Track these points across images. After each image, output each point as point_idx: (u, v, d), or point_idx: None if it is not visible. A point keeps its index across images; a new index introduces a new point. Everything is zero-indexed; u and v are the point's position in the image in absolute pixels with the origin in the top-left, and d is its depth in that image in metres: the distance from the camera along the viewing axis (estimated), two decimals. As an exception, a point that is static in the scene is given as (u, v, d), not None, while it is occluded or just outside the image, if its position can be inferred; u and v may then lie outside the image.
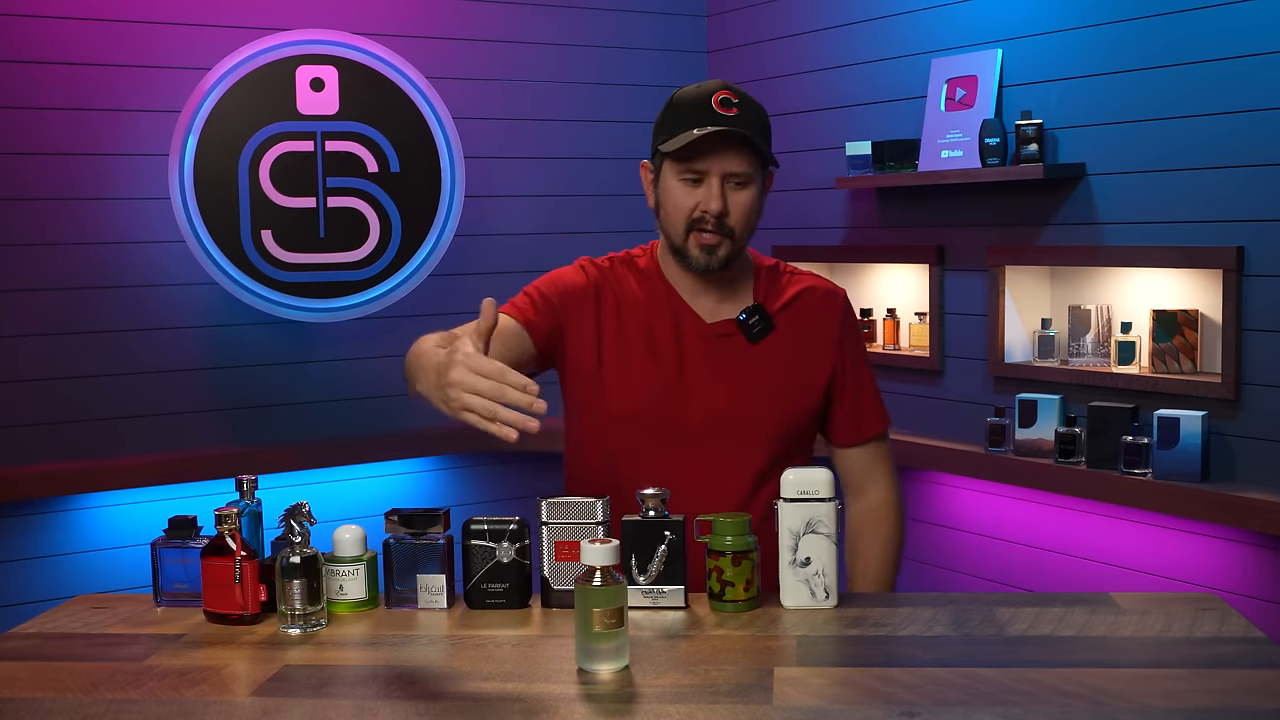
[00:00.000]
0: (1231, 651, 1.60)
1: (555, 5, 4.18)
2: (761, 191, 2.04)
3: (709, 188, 1.98)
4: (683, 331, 2.07)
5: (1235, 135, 2.98)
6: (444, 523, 1.87)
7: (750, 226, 2.03)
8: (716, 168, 1.98)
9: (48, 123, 3.54)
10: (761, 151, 1.99)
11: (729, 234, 2.00)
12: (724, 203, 1.98)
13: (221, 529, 1.80)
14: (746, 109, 2.00)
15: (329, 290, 3.75)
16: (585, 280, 2.11)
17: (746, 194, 2.00)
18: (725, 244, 2.01)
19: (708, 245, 2.00)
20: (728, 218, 1.99)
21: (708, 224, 1.99)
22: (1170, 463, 3.02)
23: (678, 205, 2.01)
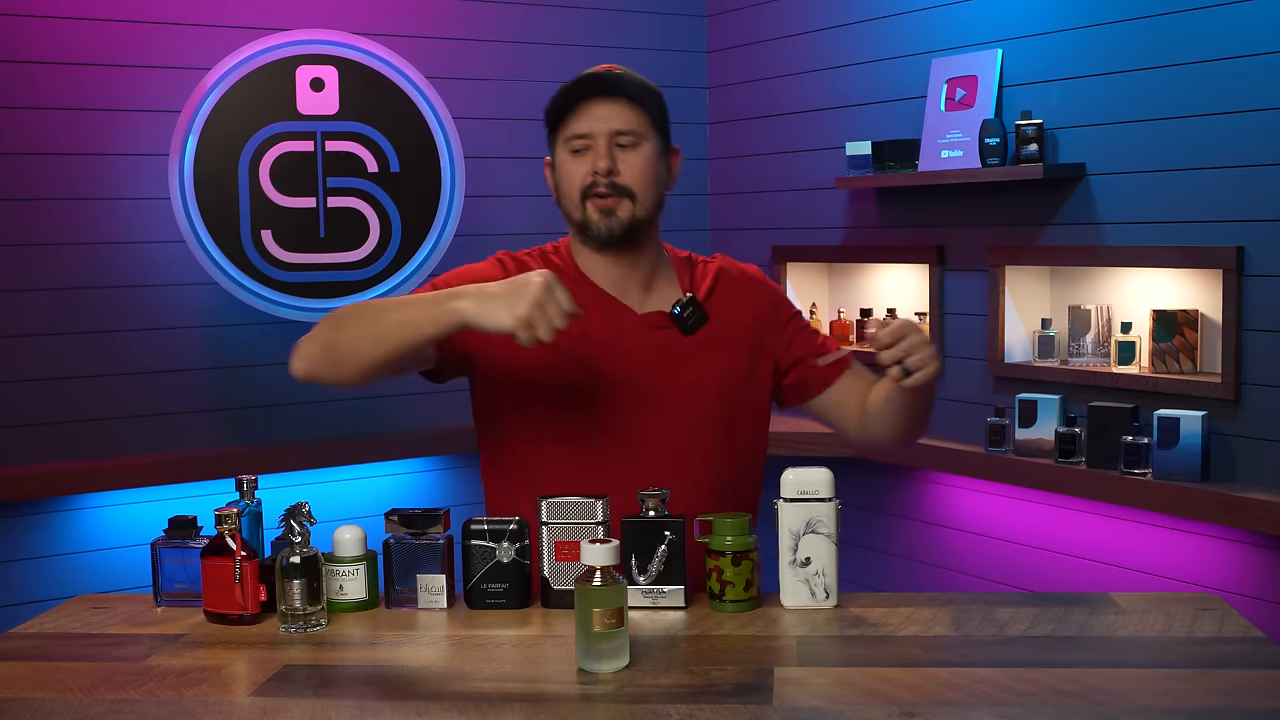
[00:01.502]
0: (1231, 651, 1.60)
1: (555, 5, 4.18)
2: (661, 154, 2.00)
3: (595, 150, 1.95)
4: (612, 325, 2.00)
5: (1235, 135, 2.98)
6: (444, 523, 1.87)
7: (651, 188, 1.98)
8: (601, 130, 1.95)
9: (48, 123, 3.54)
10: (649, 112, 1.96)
11: (626, 193, 1.96)
12: (613, 161, 1.94)
13: (221, 529, 1.80)
14: (630, 77, 1.99)
15: (329, 290, 3.75)
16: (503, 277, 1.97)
17: (638, 154, 1.96)
18: (624, 204, 1.96)
19: (605, 208, 1.95)
20: (619, 176, 1.95)
21: (600, 186, 1.94)
22: (1170, 463, 3.02)
23: (570, 177, 1.98)
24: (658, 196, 2.01)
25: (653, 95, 2.00)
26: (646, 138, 1.97)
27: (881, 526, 3.95)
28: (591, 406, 1.98)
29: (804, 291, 4.16)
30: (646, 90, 2.00)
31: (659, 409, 1.99)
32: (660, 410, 1.99)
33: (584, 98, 1.96)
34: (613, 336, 2.00)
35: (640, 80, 2.01)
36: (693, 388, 2.00)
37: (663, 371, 1.99)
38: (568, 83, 2.00)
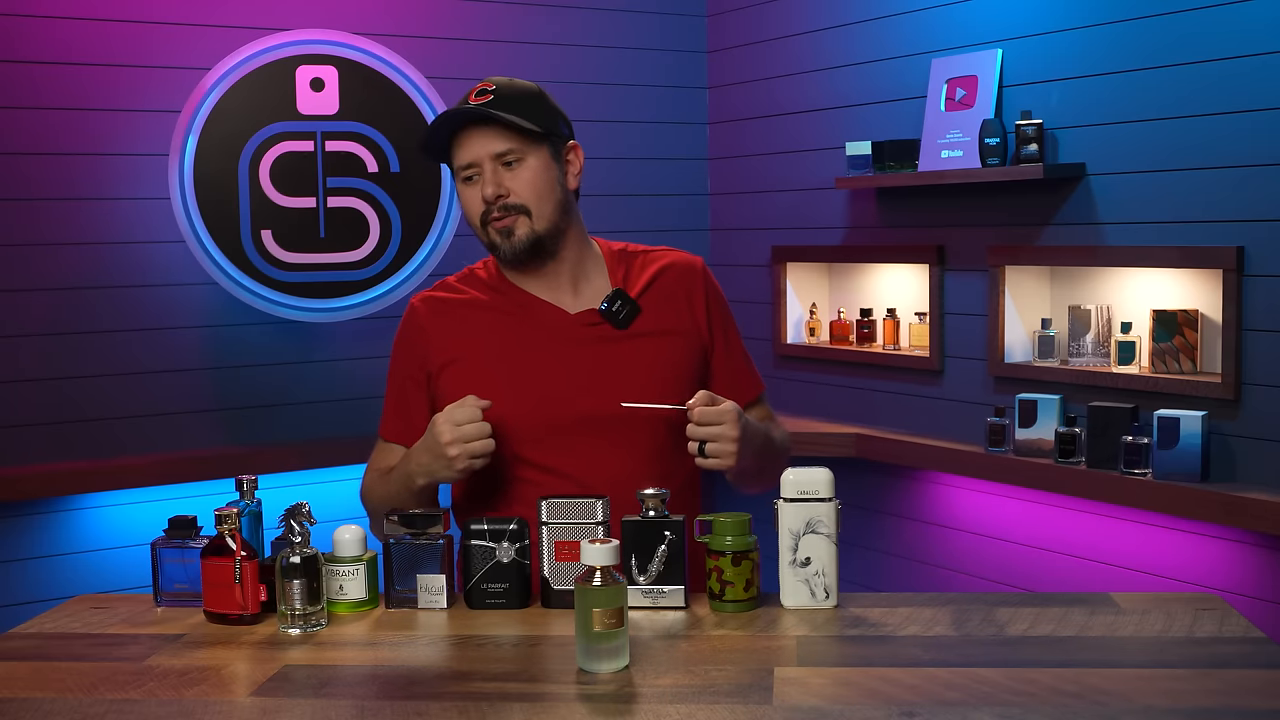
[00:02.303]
0: (1231, 651, 1.60)
1: (555, 5, 4.18)
2: (552, 160, 2.01)
3: (483, 176, 1.98)
4: (546, 329, 2.03)
5: (1235, 135, 2.98)
6: (444, 523, 1.87)
7: (545, 198, 2.00)
8: (482, 156, 1.97)
9: (48, 123, 3.54)
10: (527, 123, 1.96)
11: (521, 210, 1.98)
12: (498, 185, 1.97)
13: (221, 529, 1.80)
14: (504, 92, 1.99)
15: (329, 290, 3.75)
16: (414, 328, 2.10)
17: (523, 169, 1.98)
18: (521, 221, 1.98)
19: (502, 229, 1.98)
20: (509, 196, 1.97)
21: (494, 210, 1.98)
22: (1170, 463, 3.02)
23: (468, 206, 2.02)
24: (556, 202, 2.02)
25: (529, 104, 2.00)
26: (529, 151, 1.99)
27: (881, 526, 3.95)
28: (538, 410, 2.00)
29: (804, 291, 4.16)
30: (520, 103, 1.99)
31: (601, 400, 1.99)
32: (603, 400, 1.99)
33: (457, 130, 1.99)
34: (548, 338, 2.03)
35: (513, 93, 2.00)
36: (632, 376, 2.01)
37: (601, 365, 2.01)
38: (441, 115, 2.02)
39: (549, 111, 2.03)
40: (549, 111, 2.03)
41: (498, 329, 2.05)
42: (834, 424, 3.95)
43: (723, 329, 2.13)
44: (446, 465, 1.89)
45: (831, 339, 4.04)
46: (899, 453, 3.70)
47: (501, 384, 2.00)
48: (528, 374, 2.01)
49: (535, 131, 1.98)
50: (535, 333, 2.03)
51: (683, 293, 2.10)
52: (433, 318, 2.09)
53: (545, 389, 2.00)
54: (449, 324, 2.08)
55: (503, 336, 2.04)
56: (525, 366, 2.02)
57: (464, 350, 2.05)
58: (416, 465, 1.94)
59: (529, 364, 2.02)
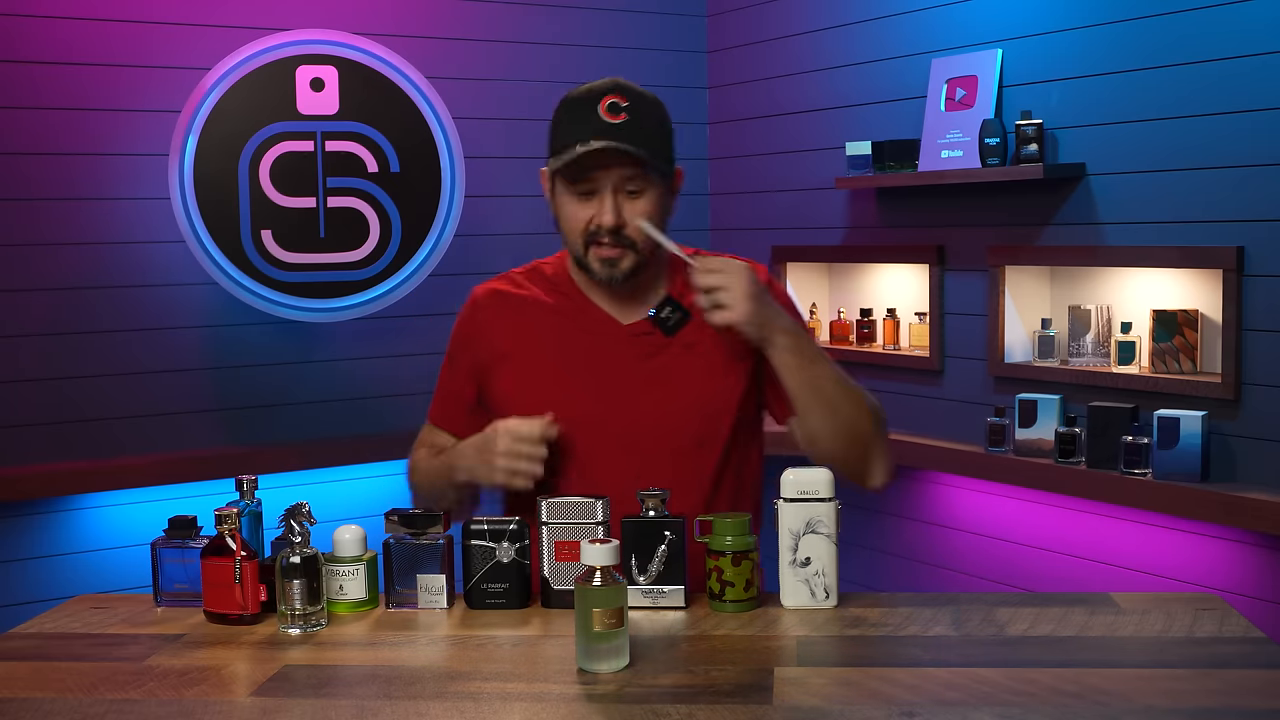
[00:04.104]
0: (1231, 651, 1.60)
1: (555, 5, 4.18)
2: (666, 193, 1.96)
3: (602, 201, 1.91)
4: (599, 337, 2.01)
5: (1235, 135, 2.98)
6: (444, 523, 1.87)
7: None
8: (607, 180, 1.91)
9: (48, 123, 3.54)
10: (656, 152, 1.91)
11: (630, 245, 1.93)
12: (618, 215, 1.91)
13: (221, 529, 1.80)
14: (637, 111, 1.92)
15: (329, 290, 3.75)
16: (473, 319, 2.09)
17: (644, 201, 1.92)
18: (628, 256, 1.93)
19: (608, 259, 1.93)
20: (626, 229, 1.92)
21: (604, 236, 1.92)
22: (1170, 463, 3.02)
23: (573, 221, 1.95)
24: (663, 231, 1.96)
25: (661, 131, 1.95)
26: (652, 182, 1.93)
27: (881, 526, 3.95)
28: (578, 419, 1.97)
29: (804, 291, 4.16)
30: (654, 129, 1.93)
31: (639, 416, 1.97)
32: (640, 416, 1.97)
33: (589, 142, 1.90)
34: (599, 347, 2.00)
35: (647, 112, 1.93)
36: (673, 392, 1.97)
37: (644, 379, 1.98)
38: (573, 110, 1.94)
39: (670, 135, 1.97)
40: (670, 135, 1.97)
41: (553, 331, 2.02)
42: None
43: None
44: (488, 473, 1.90)
45: (832, 339, 4.04)
46: (899, 453, 3.65)
47: (548, 387, 1.99)
48: (573, 381, 1.99)
49: (663, 158, 1.92)
50: (588, 339, 2.00)
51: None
52: (491, 311, 2.07)
53: (588, 398, 1.98)
54: (506, 319, 2.05)
55: (556, 340, 2.02)
56: (572, 373, 1.99)
57: (517, 348, 2.03)
58: (462, 460, 1.95)
59: (576, 371, 1.99)
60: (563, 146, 1.92)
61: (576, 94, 1.97)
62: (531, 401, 1.98)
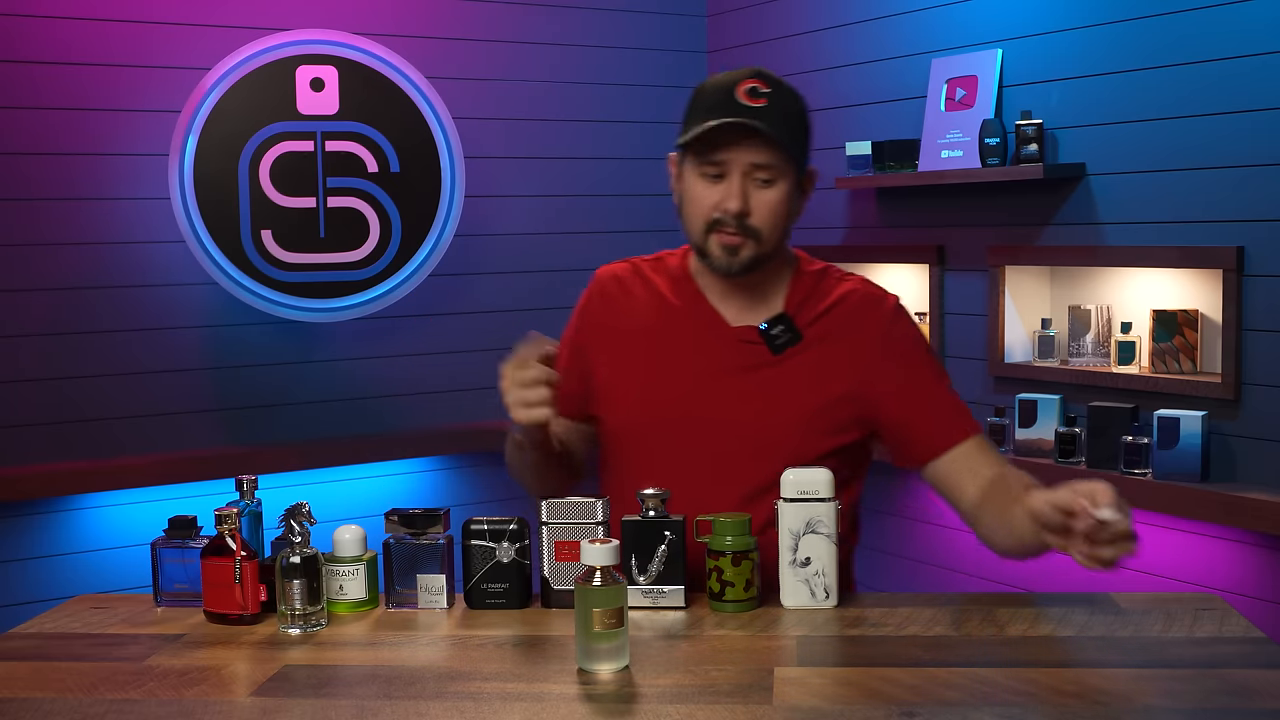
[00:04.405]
0: (1231, 651, 1.60)
1: (555, 5, 4.18)
2: (795, 190, 1.89)
3: (729, 184, 1.85)
4: (702, 337, 1.95)
5: (1235, 135, 2.98)
6: (444, 523, 1.87)
7: (779, 227, 1.88)
8: (737, 162, 1.84)
9: (48, 123, 3.54)
10: (793, 142, 1.84)
11: (753, 235, 1.86)
12: (745, 201, 1.84)
13: (221, 529, 1.80)
14: (778, 100, 1.85)
15: (329, 290, 3.75)
16: (588, 300, 2.06)
17: (773, 192, 1.86)
18: (749, 245, 1.87)
19: (729, 245, 1.87)
20: (750, 217, 1.85)
21: (728, 223, 1.85)
22: (1170, 463, 3.02)
23: (697, 202, 1.88)
24: (785, 230, 1.91)
25: (799, 123, 1.88)
26: (784, 174, 1.86)
27: (881, 526, 3.95)
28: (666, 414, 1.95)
29: (804, 291, 4.15)
30: (792, 119, 1.87)
31: (726, 423, 1.92)
32: (727, 424, 1.92)
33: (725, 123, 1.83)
34: (700, 347, 1.95)
35: (786, 103, 1.87)
36: (765, 407, 1.92)
37: (737, 387, 1.93)
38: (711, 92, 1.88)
39: (808, 130, 1.91)
40: (808, 130, 1.91)
41: (658, 324, 1.99)
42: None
43: (901, 377, 1.94)
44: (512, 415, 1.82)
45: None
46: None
47: (639, 381, 1.97)
48: (665, 378, 1.96)
49: (799, 150, 1.87)
50: (690, 338, 1.96)
51: (852, 330, 1.95)
52: (607, 294, 2.05)
53: (677, 397, 1.94)
54: (619, 304, 2.03)
55: (659, 333, 1.98)
56: (666, 370, 1.96)
57: (621, 334, 2.01)
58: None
59: (670, 368, 1.96)
60: (697, 122, 1.85)
61: (715, 78, 1.90)
62: (621, 392, 1.98)
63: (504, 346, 1.89)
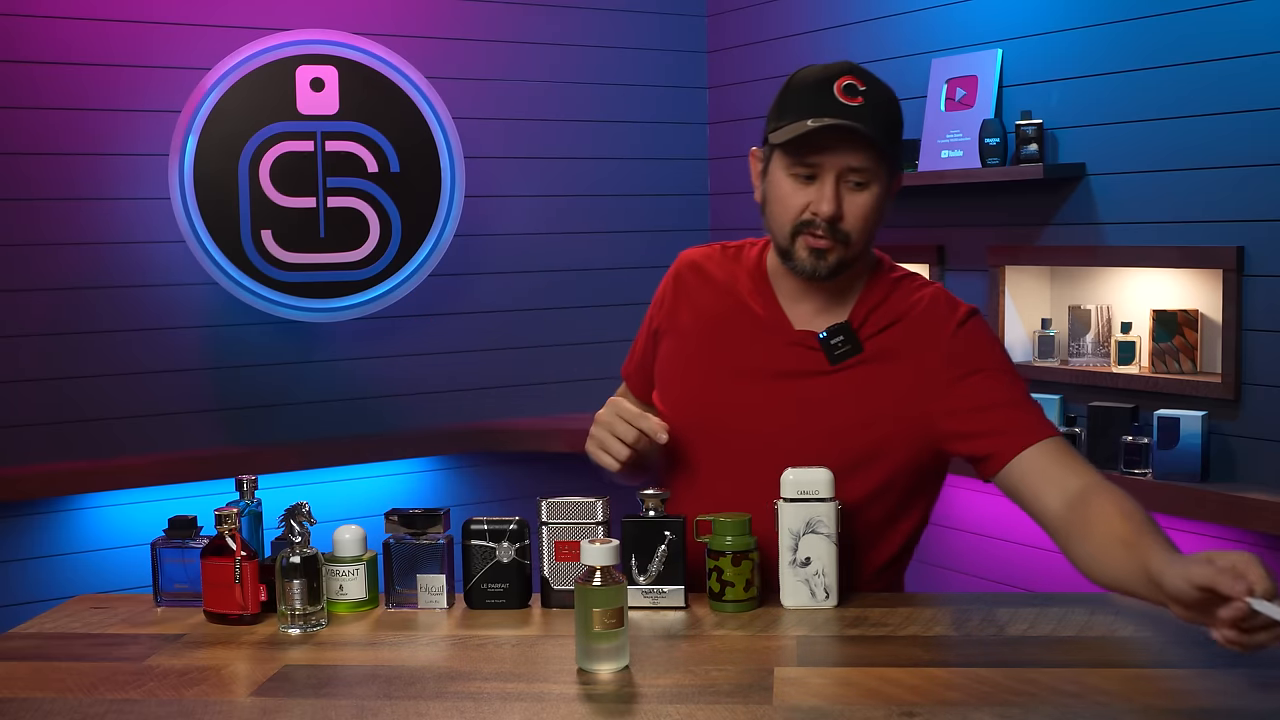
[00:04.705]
0: (1231, 651, 1.60)
1: (555, 5, 4.18)
2: (885, 194, 1.83)
3: (822, 186, 1.78)
4: (762, 334, 1.91)
5: (1235, 135, 2.98)
6: (444, 523, 1.87)
7: (868, 232, 1.83)
8: (832, 164, 1.77)
9: (48, 123, 3.54)
10: (887, 146, 1.78)
11: (843, 239, 1.80)
12: (838, 205, 1.78)
13: (221, 529, 1.80)
14: (874, 98, 1.79)
15: (329, 290, 3.75)
16: (667, 283, 2.04)
17: (866, 195, 1.80)
18: (838, 250, 1.81)
19: (817, 249, 1.80)
20: (842, 221, 1.79)
21: (819, 227, 1.79)
22: (1170, 463, 3.02)
23: (786, 203, 1.81)
24: (873, 234, 1.86)
25: (894, 122, 1.82)
26: (877, 177, 1.80)
27: (881, 526, 3.95)
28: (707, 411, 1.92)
29: (804, 291, 4.16)
30: (889, 120, 1.81)
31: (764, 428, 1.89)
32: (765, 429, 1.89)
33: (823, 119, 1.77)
34: (757, 347, 1.91)
35: (886, 107, 1.81)
36: (808, 416, 1.87)
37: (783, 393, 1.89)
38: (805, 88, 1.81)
39: (902, 132, 1.85)
40: (902, 132, 1.85)
41: (722, 317, 1.94)
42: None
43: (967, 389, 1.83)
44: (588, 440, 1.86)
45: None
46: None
47: (691, 371, 1.95)
48: (716, 372, 1.92)
49: (892, 153, 1.81)
50: (749, 334, 1.91)
51: (916, 344, 1.87)
52: (686, 280, 2.01)
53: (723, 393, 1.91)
54: (694, 292, 1.99)
55: (721, 327, 1.93)
56: (718, 363, 1.92)
57: (684, 323, 1.98)
58: None
59: (723, 362, 1.92)
60: (792, 119, 1.79)
61: (808, 71, 1.84)
62: (673, 384, 1.97)
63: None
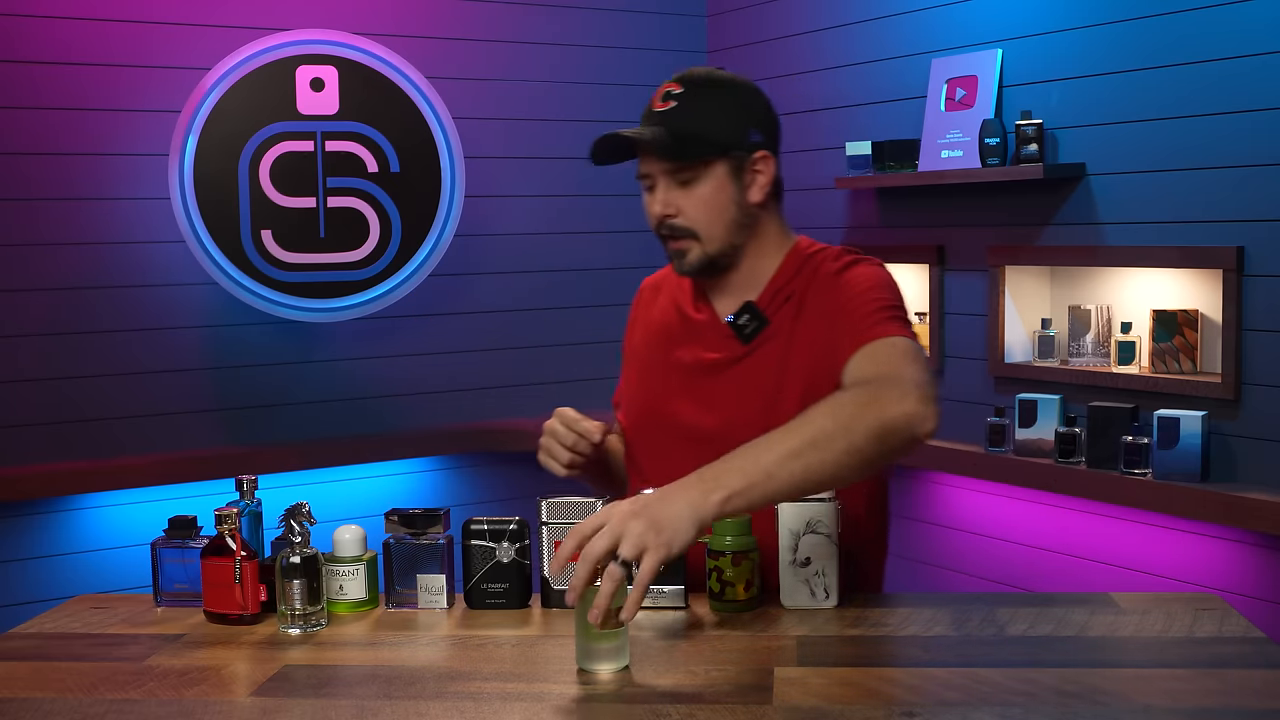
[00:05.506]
0: (1231, 651, 1.60)
1: (555, 5, 4.18)
2: (732, 178, 1.85)
3: (655, 191, 1.87)
4: (695, 333, 1.96)
5: (1235, 135, 2.98)
6: (444, 523, 1.87)
7: (717, 220, 1.86)
8: (654, 169, 1.85)
9: (48, 123, 3.54)
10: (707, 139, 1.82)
11: (690, 234, 1.86)
12: (666, 205, 1.85)
13: (221, 529, 1.80)
14: (689, 98, 1.84)
15: (329, 290, 3.75)
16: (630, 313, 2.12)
17: (700, 188, 1.84)
18: (694, 247, 1.87)
19: (675, 251, 1.89)
20: (678, 217, 1.85)
21: (663, 230, 1.88)
22: (1170, 463, 3.02)
23: (646, 213, 1.91)
24: (730, 222, 1.87)
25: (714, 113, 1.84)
26: (703, 169, 1.84)
27: (881, 526, 3.95)
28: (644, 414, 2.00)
29: (804, 291, 4.16)
30: (705, 111, 1.84)
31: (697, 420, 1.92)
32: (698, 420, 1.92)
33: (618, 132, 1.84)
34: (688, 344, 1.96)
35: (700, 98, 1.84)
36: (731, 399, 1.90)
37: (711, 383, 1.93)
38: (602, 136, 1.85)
39: (735, 119, 1.86)
40: (735, 119, 1.86)
41: (667, 325, 2.01)
42: (834, 424, 3.94)
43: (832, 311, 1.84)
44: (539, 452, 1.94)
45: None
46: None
47: (640, 382, 2.02)
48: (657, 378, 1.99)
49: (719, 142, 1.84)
50: (685, 335, 1.97)
51: (809, 299, 1.89)
52: (640, 304, 2.10)
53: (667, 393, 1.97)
54: (646, 311, 2.07)
55: (666, 334, 2.00)
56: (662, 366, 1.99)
57: (641, 341, 2.06)
58: None
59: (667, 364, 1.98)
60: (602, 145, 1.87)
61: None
62: (627, 392, 2.05)
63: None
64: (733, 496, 1.52)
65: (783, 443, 1.56)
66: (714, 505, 1.51)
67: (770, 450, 1.55)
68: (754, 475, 1.53)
